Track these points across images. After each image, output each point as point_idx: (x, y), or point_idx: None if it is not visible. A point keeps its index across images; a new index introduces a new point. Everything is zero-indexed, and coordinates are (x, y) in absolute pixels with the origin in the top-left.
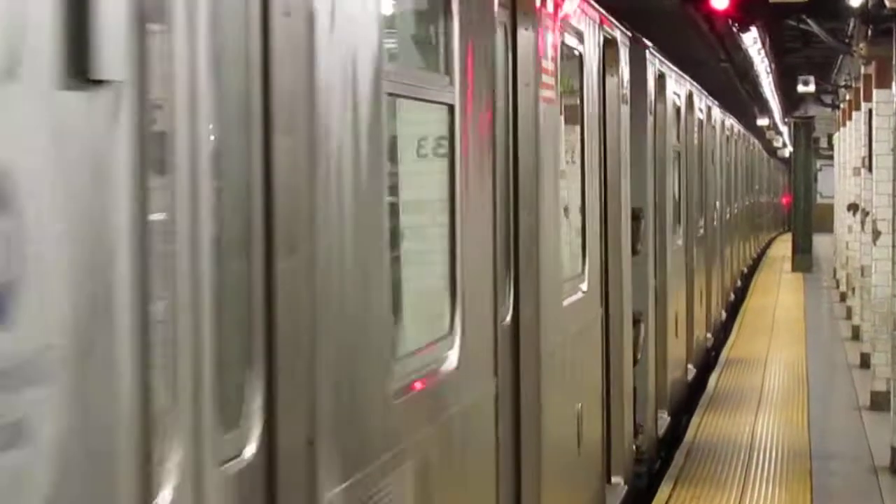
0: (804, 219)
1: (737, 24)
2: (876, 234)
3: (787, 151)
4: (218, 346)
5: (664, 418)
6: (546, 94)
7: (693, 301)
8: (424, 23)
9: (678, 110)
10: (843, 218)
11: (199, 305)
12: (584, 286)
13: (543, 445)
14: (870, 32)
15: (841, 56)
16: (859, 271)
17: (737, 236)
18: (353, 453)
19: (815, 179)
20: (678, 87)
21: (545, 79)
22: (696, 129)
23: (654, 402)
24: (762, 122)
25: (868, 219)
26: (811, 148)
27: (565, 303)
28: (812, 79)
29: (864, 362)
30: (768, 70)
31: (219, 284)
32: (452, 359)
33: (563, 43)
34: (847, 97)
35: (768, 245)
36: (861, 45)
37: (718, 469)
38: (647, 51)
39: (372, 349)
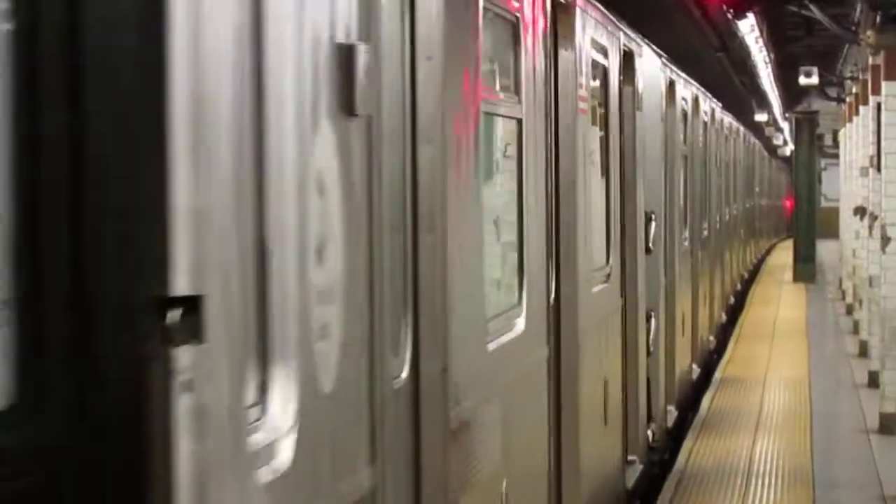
0: (807, 224)
1: (732, 10)
2: (885, 241)
3: (788, 150)
4: (391, 296)
5: (672, 411)
6: (581, 105)
7: (697, 302)
8: (501, 51)
9: (685, 114)
10: (849, 222)
11: (380, 269)
12: (608, 278)
13: (580, 408)
14: (878, 19)
15: (847, 45)
16: (867, 281)
17: (734, 242)
18: (466, 384)
19: (819, 180)
20: (686, 91)
21: (581, 92)
22: (701, 132)
23: (664, 394)
24: (760, 117)
25: (876, 223)
26: (814, 146)
27: (594, 290)
28: (815, 70)
29: (873, 381)
30: (767, 60)
31: (390, 253)
32: (521, 325)
33: (592, 59)
34: (853, 90)
35: (767, 252)
36: (868, 32)
37: (712, 499)
38: (660, 60)
39: (477, 308)
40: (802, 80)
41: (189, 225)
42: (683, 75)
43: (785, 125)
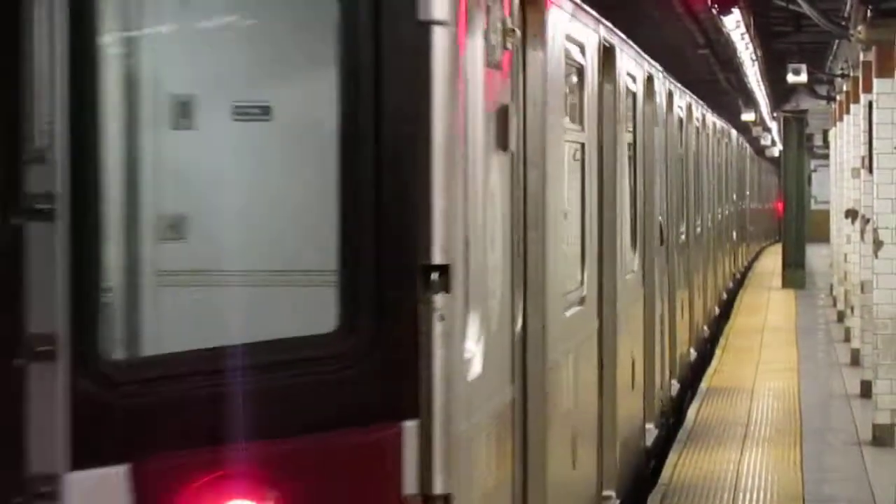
0: (796, 227)
1: (717, 6)
2: (877, 245)
3: (777, 150)
4: (521, 272)
5: (675, 385)
6: (618, 129)
7: (693, 293)
8: (573, 92)
9: (681, 122)
10: (840, 226)
11: (516, 253)
12: (635, 267)
13: (617, 374)
14: (869, 13)
15: (837, 41)
16: (859, 287)
17: (725, 245)
18: (554, 339)
19: (809, 182)
20: (681, 101)
21: (620, 119)
22: (693, 137)
23: (669, 370)
24: (747, 116)
25: (868, 227)
26: (804, 146)
27: (626, 277)
28: (804, 67)
29: (865, 391)
30: (753, 57)
31: (517, 243)
32: (585, 297)
33: (627, 88)
34: (844, 88)
35: (755, 258)
36: (859, 28)
37: None
38: (664, 77)
39: (560, 283)
40: (791, 78)
41: (441, 224)
42: (679, 86)
43: (773, 125)
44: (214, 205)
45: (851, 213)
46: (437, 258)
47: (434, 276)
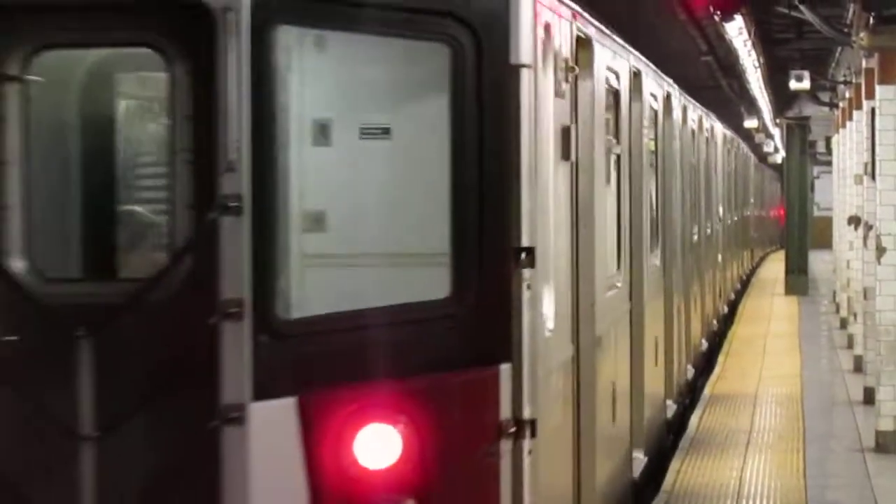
0: (799, 234)
1: (719, 12)
2: (880, 251)
3: (780, 157)
4: (576, 258)
5: (691, 369)
6: (646, 141)
7: (705, 289)
8: (610, 109)
9: (693, 133)
10: (843, 232)
11: (573, 243)
12: (657, 262)
13: (644, 352)
14: (871, 20)
15: (839, 48)
16: (861, 294)
17: (730, 249)
18: (599, 314)
19: (812, 188)
20: (694, 114)
21: (645, 132)
22: (703, 147)
23: (686, 354)
24: (750, 123)
25: (871, 233)
26: (806, 153)
27: (651, 270)
28: (806, 74)
29: (868, 398)
30: (756, 64)
31: (571, 237)
32: (619, 285)
33: (650, 106)
34: (847, 94)
35: (758, 264)
36: (862, 34)
37: None
38: (680, 93)
39: (602, 270)
40: (793, 85)
41: (527, 217)
42: (692, 101)
43: (776, 131)
44: (347, 204)
45: (854, 220)
46: (525, 242)
47: (523, 255)
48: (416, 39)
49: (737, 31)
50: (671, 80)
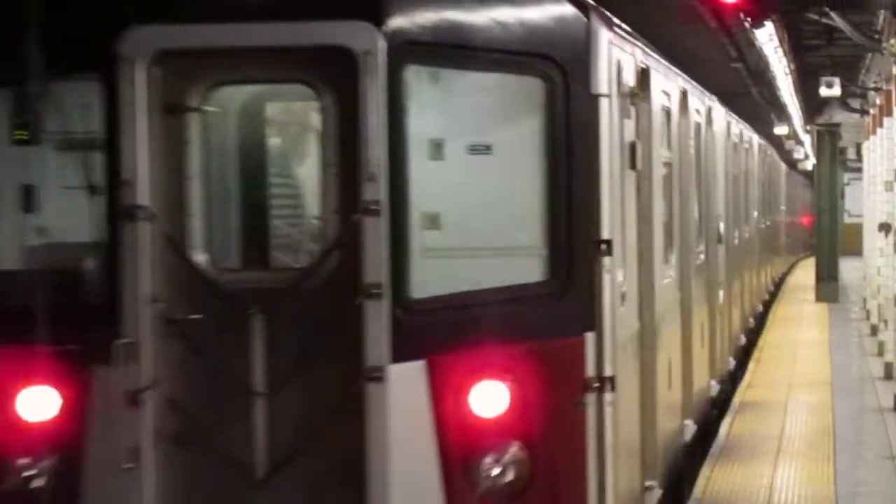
0: (829, 241)
1: (749, 19)
2: None
3: (810, 164)
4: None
5: (731, 360)
6: (692, 151)
7: (742, 287)
8: (663, 125)
9: (735, 145)
10: (873, 239)
11: (635, 241)
12: (702, 257)
13: (692, 333)
14: None
15: (870, 54)
16: (892, 301)
17: (755, 255)
18: (657, 298)
19: (842, 195)
20: (736, 128)
21: (690, 143)
22: (743, 157)
23: (726, 343)
24: (780, 130)
25: None
26: (837, 159)
27: (696, 264)
28: (837, 80)
29: None
30: (787, 71)
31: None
32: (672, 276)
33: (695, 121)
34: (877, 101)
35: (789, 271)
36: (892, 41)
37: None
38: (724, 108)
39: (659, 261)
40: (823, 91)
41: (607, 215)
42: (734, 116)
43: (806, 138)
44: (457, 207)
45: (884, 227)
46: (605, 235)
47: (603, 246)
48: (516, 75)
49: (767, 37)
50: (712, 95)
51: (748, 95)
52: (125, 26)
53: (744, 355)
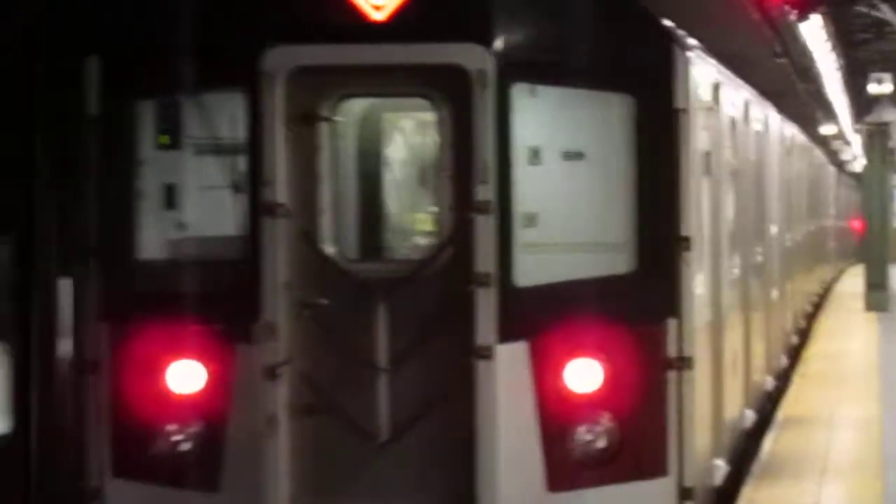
0: (879, 246)
1: (795, 12)
2: None
3: (859, 165)
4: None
5: (784, 358)
6: (752, 157)
7: (795, 287)
8: (731, 133)
9: (788, 150)
10: None
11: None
12: (760, 256)
13: (753, 324)
14: None
15: None
16: None
17: (804, 260)
18: (725, 291)
19: (893, 198)
20: (787, 131)
21: (751, 150)
22: (796, 162)
23: (780, 341)
24: (827, 130)
25: None
26: (887, 161)
27: (756, 262)
28: (888, 77)
29: None
30: (834, 67)
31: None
32: (737, 271)
33: (755, 129)
34: None
35: (836, 278)
36: None
37: None
38: (774, 111)
39: (726, 258)
40: (873, 88)
41: (686, 214)
42: (792, 124)
43: (854, 138)
44: (552, 207)
45: None
46: (685, 232)
47: (684, 242)
48: (606, 91)
49: (813, 31)
50: (771, 104)
51: (793, 93)
52: (267, 46)
53: (790, 363)
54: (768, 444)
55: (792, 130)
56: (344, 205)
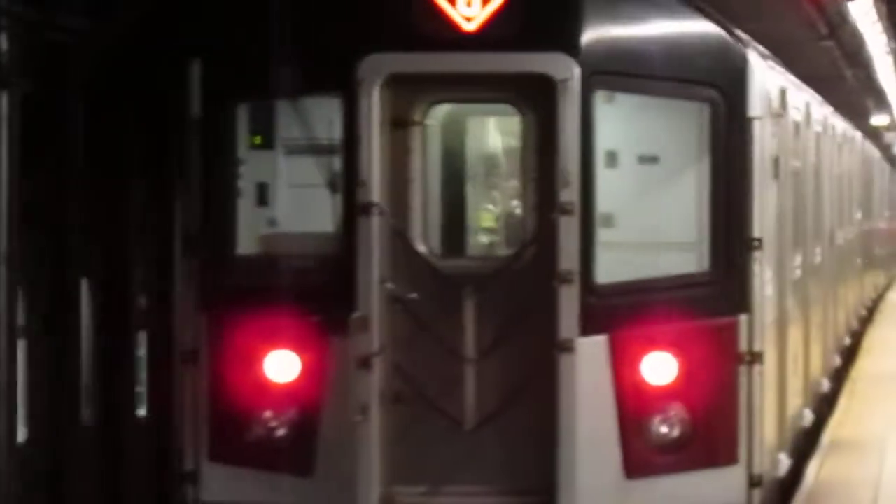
0: None
1: None
2: None
3: None
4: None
5: (837, 358)
6: (812, 160)
7: (847, 288)
8: (794, 137)
9: (839, 147)
10: None
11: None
12: (818, 255)
13: (811, 321)
14: None
15: None
16: None
17: (856, 263)
18: (789, 290)
19: None
20: (840, 127)
21: (811, 152)
22: (847, 160)
23: (833, 342)
24: (878, 120)
25: None
26: None
27: (815, 261)
28: None
29: None
30: (886, 50)
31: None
32: (799, 272)
33: (815, 131)
34: None
35: (888, 287)
36: None
37: None
38: (832, 113)
39: (790, 258)
40: None
41: (758, 216)
42: (843, 119)
43: None
44: (628, 208)
45: None
46: (756, 233)
47: (755, 242)
48: (684, 99)
49: (863, 12)
50: (830, 106)
51: (840, 79)
52: (364, 54)
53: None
54: (813, 469)
55: (843, 124)
56: (430, 204)
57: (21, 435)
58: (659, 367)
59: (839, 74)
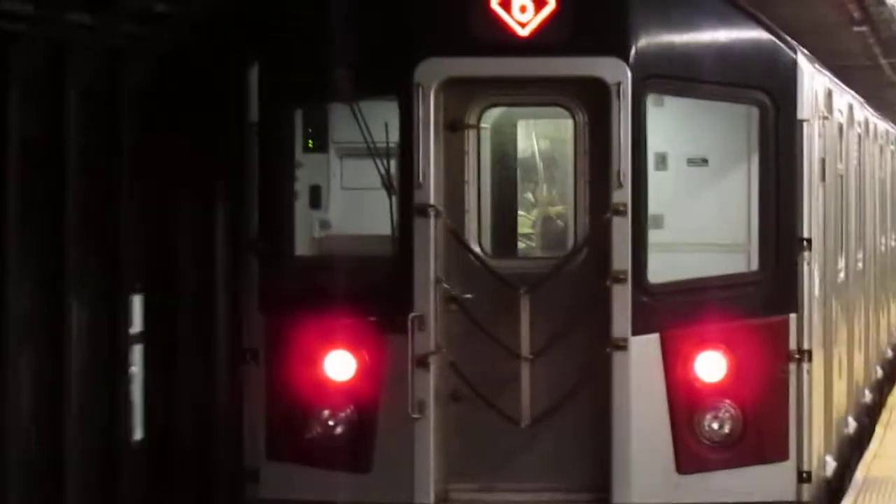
0: None
1: None
2: None
3: None
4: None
5: (878, 369)
6: (854, 162)
7: (889, 294)
8: (839, 140)
9: (881, 149)
10: None
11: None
12: (861, 257)
13: (856, 320)
14: None
15: None
16: None
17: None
18: (834, 290)
19: None
20: (882, 128)
21: (854, 154)
22: (889, 162)
23: (876, 348)
24: None
25: None
26: None
27: (858, 264)
28: None
29: None
30: None
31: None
32: (843, 273)
33: (857, 133)
34: None
35: None
36: None
37: None
38: (874, 115)
39: (834, 260)
40: None
41: (808, 217)
42: (885, 122)
43: None
44: (677, 210)
45: None
46: (806, 234)
47: (804, 243)
48: (734, 102)
49: None
50: (871, 108)
51: (875, 69)
52: (421, 59)
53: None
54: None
55: (885, 124)
56: (483, 205)
57: (137, 433)
58: (710, 365)
59: (874, 63)
